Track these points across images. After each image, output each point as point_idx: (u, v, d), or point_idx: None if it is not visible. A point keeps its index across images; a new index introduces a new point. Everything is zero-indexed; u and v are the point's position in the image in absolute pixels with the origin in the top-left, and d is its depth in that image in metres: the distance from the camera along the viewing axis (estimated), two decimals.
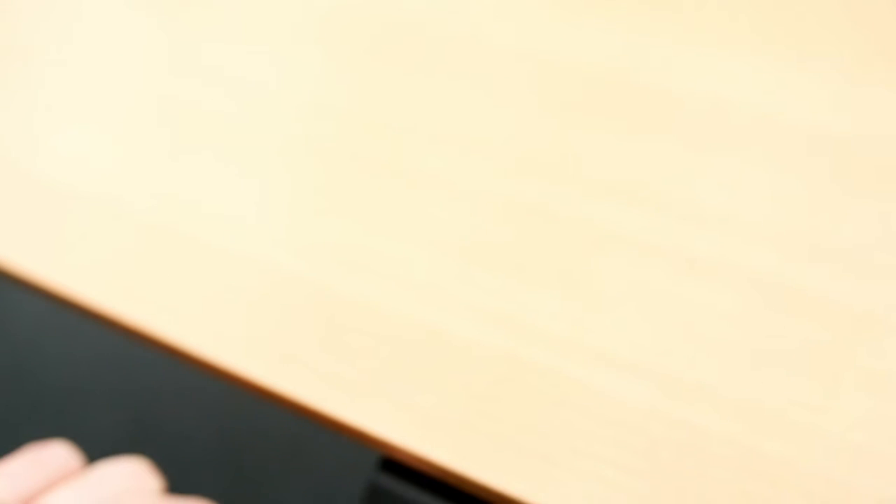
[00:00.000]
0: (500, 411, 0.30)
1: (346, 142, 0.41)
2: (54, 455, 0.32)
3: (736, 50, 0.42)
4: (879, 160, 0.37)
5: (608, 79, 0.42)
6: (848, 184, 0.36)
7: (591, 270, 0.34)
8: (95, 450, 0.34)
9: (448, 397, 0.30)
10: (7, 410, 0.56)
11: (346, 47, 0.46)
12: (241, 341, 0.33)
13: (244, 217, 0.37)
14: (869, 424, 0.29)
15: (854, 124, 0.38)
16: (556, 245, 0.35)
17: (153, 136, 0.42)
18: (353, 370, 0.31)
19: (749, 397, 0.30)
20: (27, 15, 0.49)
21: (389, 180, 0.39)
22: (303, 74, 0.45)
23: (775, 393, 0.30)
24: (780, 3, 0.43)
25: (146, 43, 0.48)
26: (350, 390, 0.31)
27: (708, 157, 0.38)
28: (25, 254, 0.37)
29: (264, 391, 0.32)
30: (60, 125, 0.43)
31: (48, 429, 0.39)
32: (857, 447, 0.28)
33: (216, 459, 0.99)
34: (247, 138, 0.41)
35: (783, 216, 0.35)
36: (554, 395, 0.30)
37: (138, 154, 0.41)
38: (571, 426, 0.29)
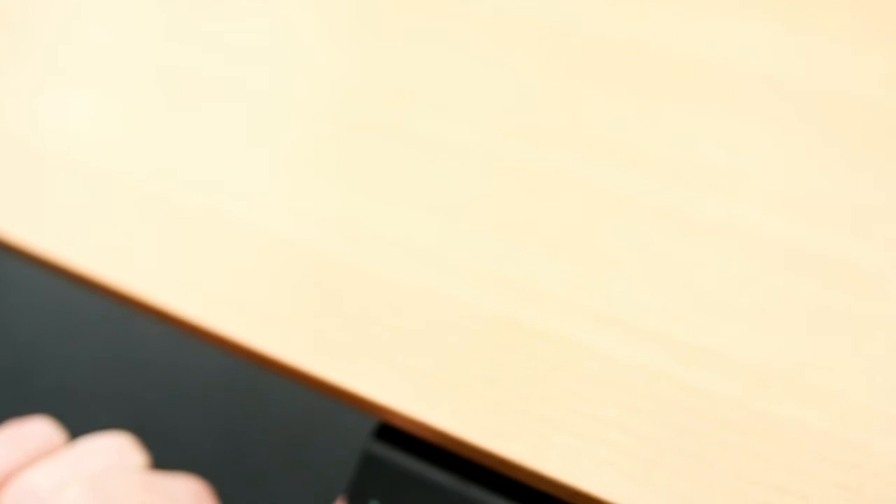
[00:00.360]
0: (500, 375, 0.29)
1: (347, 108, 0.40)
2: (36, 430, 0.31)
3: (739, 12, 0.41)
4: (885, 121, 0.36)
5: (610, 42, 0.41)
6: (854, 145, 0.35)
7: (595, 233, 0.33)
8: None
9: (447, 361, 0.29)
10: (6, 413, 0.55)
11: (347, 14, 0.45)
12: (236, 308, 0.32)
13: (243, 184, 0.36)
14: (883, 385, 0.27)
15: (861, 86, 0.37)
16: (559, 208, 0.34)
17: (152, 104, 0.41)
18: (351, 336, 0.30)
19: (758, 360, 0.29)
20: None
21: (388, 145, 0.37)
22: (303, 41, 0.44)
23: (785, 355, 0.29)
24: None
25: (144, 8, 0.47)
26: (347, 356, 0.30)
27: (713, 120, 0.37)
28: (24, 225, 0.36)
29: (261, 357, 0.31)
30: (57, 96, 0.42)
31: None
32: (870, 408, 0.27)
33: (214, 434, 0.98)
34: (246, 106, 0.40)
35: (790, 178, 0.34)
36: (556, 358, 0.29)
37: (137, 122, 0.40)
38: (574, 390, 0.28)
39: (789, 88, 0.37)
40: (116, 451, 0.31)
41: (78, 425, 0.46)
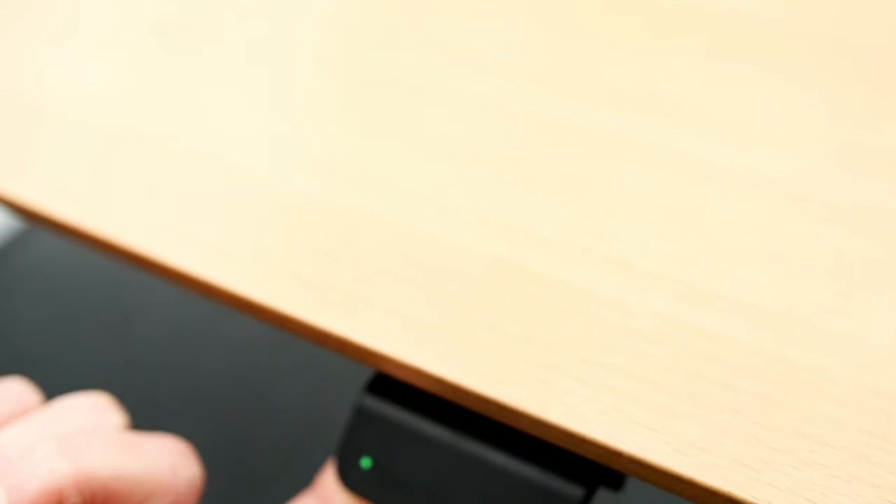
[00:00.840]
0: (501, 321, 0.27)
1: (348, 56, 0.38)
2: (9, 390, 0.30)
3: None
4: None
5: None
6: (872, 91, 0.33)
7: (603, 179, 0.31)
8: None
9: (447, 307, 0.28)
10: None
11: None
12: (227, 255, 0.30)
13: (239, 129, 0.35)
14: None
15: (879, 33, 0.36)
16: (562, 155, 0.32)
17: (150, 52, 0.40)
18: (347, 283, 0.29)
19: (777, 306, 0.27)
20: None
21: (389, 91, 0.36)
22: None
23: (804, 301, 0.27)
24: None
25: None
26: (344, 304, 0.28)
27: (723, 67, 0.35)
28: (22, 181, 0.34)
29: (254, 306, 0.29)
30: (52, 48, 0.41)
31: None
32: (893, 354, 0.25)
33: (214, 434, 0.96)
34: (245, 51, 0.39)
35: (807, 124, 0.33)
36: (561, 304, 0.27)
37: (136, 72, 0.39)
38: (580, 336, 0.26)
39: (807, 33, 0.36)
40: (93, 410, 0.30)
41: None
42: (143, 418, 0.34)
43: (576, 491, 0.27)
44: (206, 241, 0.30)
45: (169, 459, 0.28)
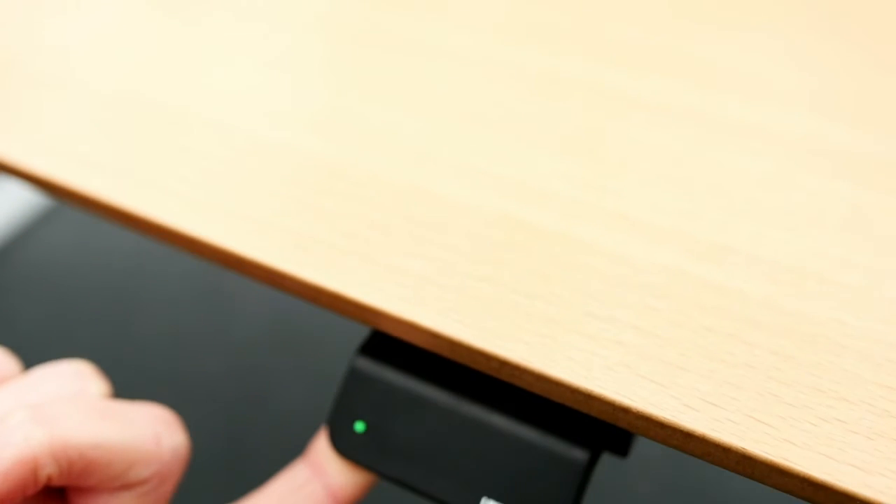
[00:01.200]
0: (502, 276, 0.26)
1: (344, 13, 0.37)
2: None
3: None
4: None
5: None
6: (886, 47, 0.32)
7: (608, 135, 0.30)
8: None
9: (443, 263, 0.26)
10: None
11: None
12: (217, 212, 0.29)
13: (236, 89, 0.33)
14: None
15: None
16: (566, 110, 0.31)
17: (151, 18, 0.38)
18: (344, 239, 0.27)
19: (789, 260, 0.26)
20: None
21: (388, 49, 0.35)
22: None
23: (818, 255, 0.26)
24: None
25: None
26: (339, 260, 0.27)
27: (734, 22, 0.34)
28: (22, 145, 0.33)
29: (247, 262, 0.28)
30: (54, 17, 0.39)
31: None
32: None
33: (214, 434, 0.95)
34: (244, 13, 0.37)
35: (819, 80, 0.31)
36: (565, 258, 0.26)
37: (137, 38, 0.37)
38: (585, 290, 0.25)
39: None
40: (73, 378, 0.28)
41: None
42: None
43: (580, 454, 0.25)
44: (195, 197, 0.29)
45: (152, 428, 0.27)
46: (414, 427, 0.27)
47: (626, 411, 0.22)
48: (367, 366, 0.28)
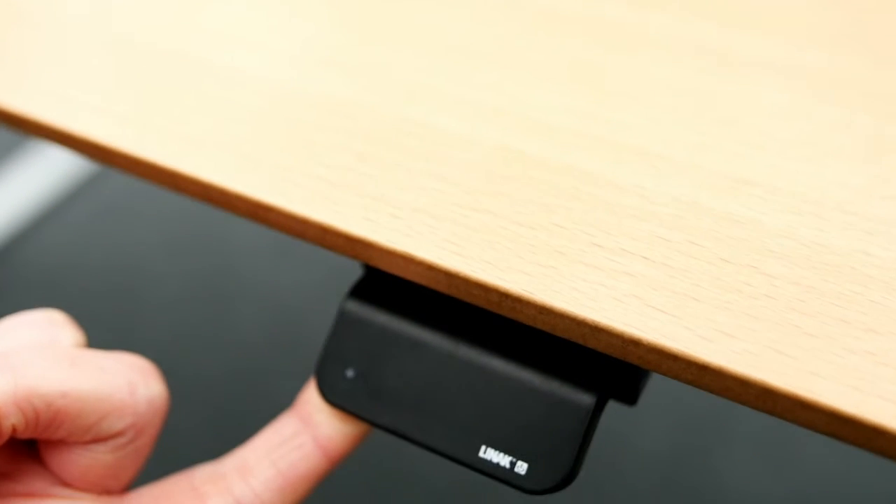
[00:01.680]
0: (502, 206, 0.24)
1: None
2: None
3: None
4: None
5: None
6: None
7: (615, 69, 0.28)
8: None
9: (437, 194, 0.25)
10: None
11: None
12: (202, 147, 0.27)
13: (223, 24, 0.32)
14: None
15: None
16: (574, 44, 0.29)
17: None
18: (335, 172, 0.26)
19: (809, 191, 0.24)
20: None
21: None
22: None
23: (840, 185, 0.24)
24: None
25: None
26: (333, 194, 0.25)
27: None
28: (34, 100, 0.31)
29: (232, 195, 0.26)
30: None
31: None
32: None
33: (212, 433, 0.93)
34: None
35: (836, 15, 0.30)
36: (569, 190, 0.24)
37: None
38: (592, 221, 0.23)
39: None
40: (44, 326, 0.27)
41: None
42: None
43: (586, 399, 0.24)
44: (180, 132, 0.27)
45: (126, 376, 0.25)
46: (408, 372, 0.25)
47: (636, 344, 0.21)
48: (358, 309, 0.26)
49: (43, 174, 1.27)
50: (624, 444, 0.92)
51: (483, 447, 0.24)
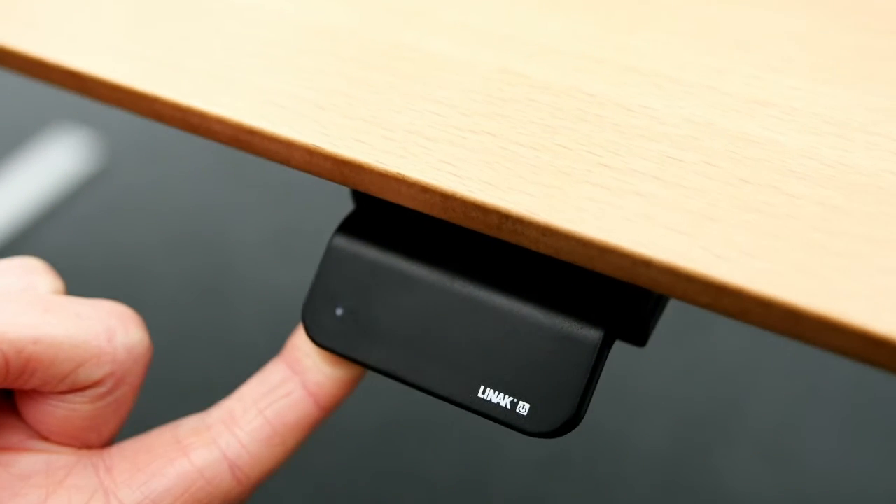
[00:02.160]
0: (501, 128, 0.22)
1: None
2: None
3: None
4: None
5: None
6: None
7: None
8: None
9: (433, 115, 0.23)
10: None
11: None
12: (185, 72, 0.25)
13: None
14: None
15: None
16: None
17: None
18: (323, 95, 0.24)
19: (830, 113, 0.22)
20: None
21: None
22: None
23: (864, 108, 0.23)
24: None
25: None
26: (316, 115, 0.23)
27: None
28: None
29: (212, 118, 0.24)
30: None
31: None
32: None
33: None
34: None
35: None
36: (573, 111, 0.23)
37: None
38: (598, 142, 0.22)
39: None
40: (20, 272, 0.25)
41: None
42: (142, 418, 0.29)
43: (592, 333, 0.22)
44: (161, 58, 0.26)
45: (104, 323, 0.23)
46: (401, 309, 0.24)
47: (647, 265, 0.19)
48: (347, 244, 0.24)
49: (43, 174, 1.25)
50: (624, 444, 0.90)
51: (482, 387, 0.23)
